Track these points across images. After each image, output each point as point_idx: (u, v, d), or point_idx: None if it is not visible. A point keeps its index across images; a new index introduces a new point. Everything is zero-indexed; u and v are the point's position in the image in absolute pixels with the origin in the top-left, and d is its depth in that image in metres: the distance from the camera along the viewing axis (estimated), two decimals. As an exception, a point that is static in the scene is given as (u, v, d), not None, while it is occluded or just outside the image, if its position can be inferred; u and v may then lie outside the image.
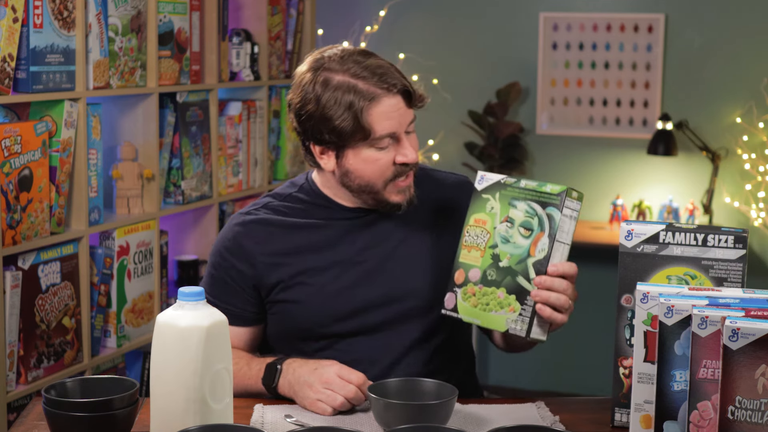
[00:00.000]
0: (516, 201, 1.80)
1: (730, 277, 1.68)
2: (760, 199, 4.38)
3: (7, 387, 2.68)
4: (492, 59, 4.72)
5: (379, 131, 1.86)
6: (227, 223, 2.02)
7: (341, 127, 1.85)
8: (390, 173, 1.90)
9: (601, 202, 4.63)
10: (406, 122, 1.90)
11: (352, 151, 1.88)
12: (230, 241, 1.98)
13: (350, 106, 1.84)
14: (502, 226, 1.80)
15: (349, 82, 1.85)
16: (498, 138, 4.63)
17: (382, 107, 1.85)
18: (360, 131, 1.85)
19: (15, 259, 2.70)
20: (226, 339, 1.57)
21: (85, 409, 1.53)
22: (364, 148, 1.88)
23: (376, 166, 1.89)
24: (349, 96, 1.84)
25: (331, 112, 1.85)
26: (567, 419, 1.77)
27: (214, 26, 3.44)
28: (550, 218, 1.75)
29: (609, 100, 4.63)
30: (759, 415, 1.38)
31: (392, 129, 1.87)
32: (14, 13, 2.62)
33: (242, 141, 3.66)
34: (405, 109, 1.89)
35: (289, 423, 1.72)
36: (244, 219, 1.99)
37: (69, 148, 2.86)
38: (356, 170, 1.90)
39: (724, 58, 4.44)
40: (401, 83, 1.87)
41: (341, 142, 1.87)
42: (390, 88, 1.86)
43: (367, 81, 1.85)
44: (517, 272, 1.77)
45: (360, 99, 1.84)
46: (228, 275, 1.98)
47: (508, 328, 1.76)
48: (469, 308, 1.82)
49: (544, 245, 1.75)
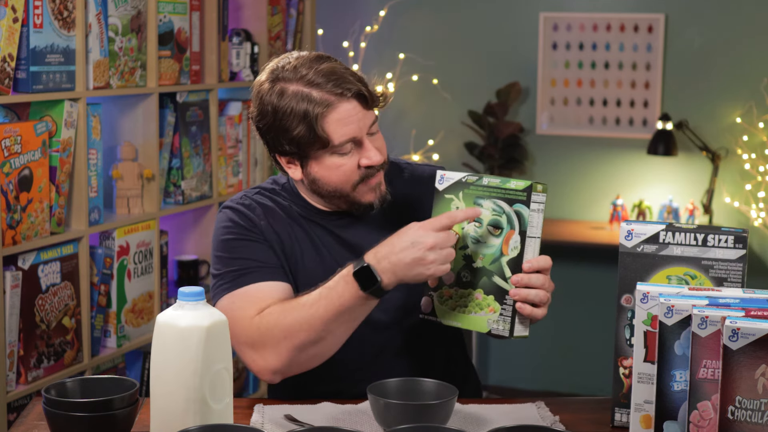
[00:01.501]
0: (481, 200, 1.78)
1: (730, 277, 1.68)
2: (760, 199, 4.38)
3: (7, 387, 2.68)
4: (492, 59, 4.72)
5: (337, 139, 1.84)
6: (221, 213, 1.96)
7: (299, 138, 1.84)
8: (357, 177, 1.88)
9: (601, 202, 4.63)
10: (366, 125, 1.87)
11: (315, 161, 1.87)
12: (235, 213, 1.93)
13: (305, 116, 1.82)
14: (470, 226, 1.79)
15: (302, 91, 1.83)
16: (498, 138, 4.63)
17: (338, 114, 1.83)
18: (318, 141, 1.84)
19: (15, 259, 2.70)
20: (226, 339, 1.57)
21: (85, 409, 1.53)
22: (326, 156, 1.86)
23: (341, 172, 1.87)
24: (303, 105, 1.82)
25: (287, 123, 1.84)
26: (567, 419, 1.77)
27: (214, 26, 3.44)
28: (518, 215, 1.74)
29: (609, 100, 4.63)
30: (759, 415, 1.38)
31: (352, 134, 1.85)
32: (14, 13, 2.62)
33: (242, 141, 3.66)
34: (363, 112, 1.86)
35: (289, 423, 1.72)
36: (239, 203, 1.96)
37: (69, 148, 2.86)
38: (322, 177, 1.88)
39: (724, 58, 4.44)
40: (356, 87, 1.84)
41: (302, 152, 1.86)
42: (344, 93, 1.83)
43: (320, 88, 1.83)
44: (493, 272, 1.77)
45: (314, 107, 1.82)
46: (249, 236, 1.91)
47: (491, 329, 1.77)
48: (447, 311, 1.82)
49: (516, 243, 1.74)
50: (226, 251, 1.90)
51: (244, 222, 1.92)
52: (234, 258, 1.89)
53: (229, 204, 1.96)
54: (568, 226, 4.56)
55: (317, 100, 1.82)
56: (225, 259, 1.90)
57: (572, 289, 4.58)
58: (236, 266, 1.88)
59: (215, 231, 1.95)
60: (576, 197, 4.69)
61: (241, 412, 1.76)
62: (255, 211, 1.94)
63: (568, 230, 4.48)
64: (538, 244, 1.76)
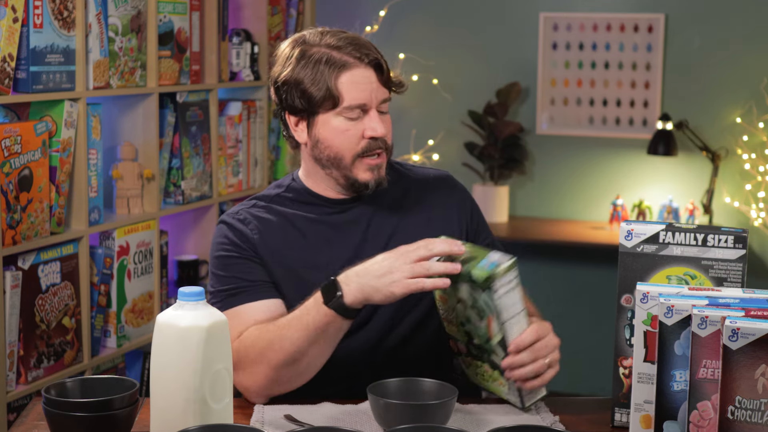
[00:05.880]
0: (458, 283, 1.74)
1: (730, 277, 1.68)
2: (760, 199, 4.38)
3: (7, 387, 2.68)
4: (492, 59, 4.72)
5: (348, 99, 1.88)
6: (217, 228, 1.98)
7: (311, 92, 1.89)
8: (359, 147, 1.91)
9: (601, 202, 4.63)
10: (377, 97, 1.91)
11: (322, 119, 1.91)
12: (230, 230, 1.94)
13: (322, 72, 1.88)
14: (459, 306, 1.79)
15: (323, 51, 1.90)
16: (498, 138, 4.63)
17: (352, 76, 1.88)
18: (329, 98, 1.88)
19: (15, 259, 2.70)
20: (226, 339, 1.57)
21: (85, 409, 1.53)
22: (333, 116, 1.90)
23: (345, 137, 1.90)
24: (322, 63, 1.89)
25: (303, 77, 1.89)
26: (567, 419, 1.77)
27: (214, 26, 3.44)
28: (487, 305, 1.71)
29: (609, 100, 4.63)
30: (759, 415, 1.38)
31: (362, 100, 1.89)
32: (14, 13, 2.62)
33: (242, 141, 3.66)
34: (377, 84, 1.91)
35: (289, 423, 1.72)
36: (235, 218, 1.97)
37: (69, 148, 2.86)
38: (326, 139, 1.91)
39: (724, 58, 4.44)
40: (375, 56, 1.91)
41: (312, 108, 1.90)
42: (362, 58, 1.89)
43: (341, 51, 1.89)
44: (489, 351, 1.78)
45: (332, 65, 1.88)
46: (242, 253, 1.92)
47: (507, 399, 1.81)
48: (472, 375, 1.88)
49: (496, 328, 1.73)
50: (219, 269, 1.93)
51: (238, 238, 1.93)
52: (226, 276, 1.91)
53: (225, 219, 1.98)
54: (568, 226, 4.56)
55: (336, 59, 1.88)
56: (219, 276, 1.93)
57: (572, 289, 4.58)
58: (228, 285, 1.90)
59: (212, 245, 1.98)
60: (576, 197, 4.69)
61: (241, 412, 1.76)
62: (249, 225, 1.95)
63: (568, 230, 4.48)
64: (523, 315, 1.73)
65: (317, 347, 1.78)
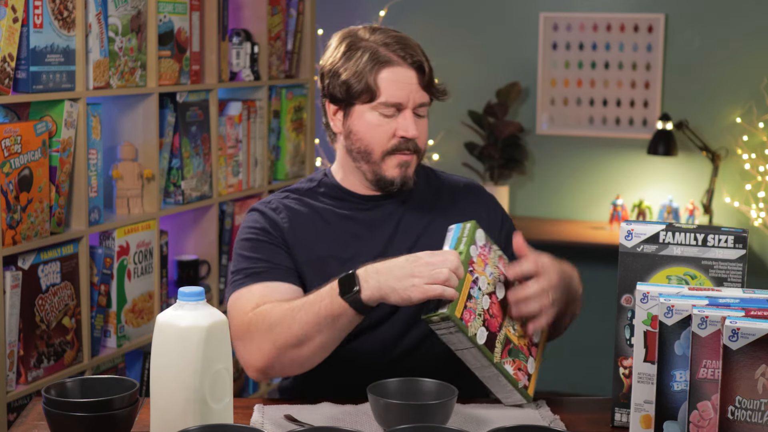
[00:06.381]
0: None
1: (730, 277, 1.68)
2: (760, 199, 4.38)
3: (7, 387, 2.68)
4: (492, 59, 4.72)
5: (385, 96, 1.91)
6: (248, 214, 2.01)
7: (351, 83, 1.93)
8: (389, 145, 1.94)
9: (601, 202, 4.64)
10: (414, 99, 1.93)
11: (357, 111, 1.94)
12: (260, 216, 1.98)
13: (364, 65, 1.92)
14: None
15: (371, 46, 1.94)
16: (498, 138, 4.63)
17: (393, 74, 1.92)
18: (367, 91, 1.92)
19: (15, 259, 2.70)
20: (226, 339, 1.57)
21: (85, 409, 1.53)
22: (368, 109, 1.93)
23: (377, 132, 1.93)
24: (366, 56, 1.92)
25: (346, 68, 1.93)
26: (567, 419, 1.77)
27: (214, 26, 3.44)
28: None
29: (609, 100, 4.63)
30: (759, 415, 1.38)
31: (399, 99, 1.92)
32: (14, 13, 2.62)
33: (242, 141, 3.66)
34: (417, 86, 1.93)
35: (289, 423, 1.72)
36: (267, 206, 2.01)
37: (69, 148, 2.86)
38: (358, 131, 1.95)
39: (724, 58, 4.44)
40: (419, 59, 1.93)
41: (349, 98, 1.94)
42: (406, 58, 1.92)
43: (387, 48, 1.93)
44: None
45: (375, 60, 1.92)
46: (269, 238, 1.95)
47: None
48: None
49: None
50: (245, 250, 1.95)
51: (269, 224, 1.96)
52: (251, 257, 1.93)
53: (256, 206, 2.02)
54: (568, 226, 4.56)
55: (380, 54, 1.92)
56: (244, 257, 1.94)
57: (572, 289, 4.57)
58: (252, 264, 1.92)
59: (239, 231, 2.01)
60: (576, 197, 4.69)
61: (241, 412, 1.77)
62: (280, 213, 1.98)
63: (568, 230, 4.48)
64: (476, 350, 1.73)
65: (324, 336, 1.77)
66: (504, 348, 1.77)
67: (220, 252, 3.58)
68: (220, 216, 3.59)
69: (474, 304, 1.73)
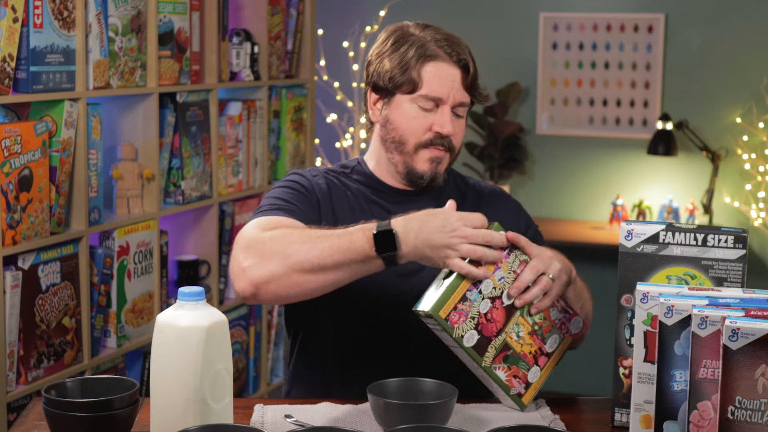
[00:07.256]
0: None
1: (730, 277, 1.68)
2: (760, 199, 4.38)
3: (7, 387, 2.68)
4: (492, 59, 4.72)
5: (425, 89, 1.93)
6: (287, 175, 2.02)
7: (394, 73, 1.94)
8: (424, 138, 1.95)
9: (601, 202, 4.64)
10: (455, 97, 1.94)
11: (397, 100, 1.96)
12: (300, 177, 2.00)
13: (410, 57, 1.94)
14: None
15: (420, 40, 1.96)
16: (498, 138, 4.63)
17: (437, 69, 1.93)
18: (409, 82, 1.93)
19: (15, 259, 2.70)
20: (226, 339, 1.57)
21: (85, 409, 1.53)
22: (408, 100, 1.95)
23: (413, 124, 1.94)
24: (413, 49, 1.94)
25: (392, 57, 1.95)
26: (567, 419, 1.77)
27: (214, 26, 3.44)
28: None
29: (609, 100, 4.63)
30: (759, 415, 1.38)
31: (439, 94, 1.93)
32: (14, 13, 2.62)
33: (242, 141, 3.66)
34: (459, 85, 1.95)
35: (289, 423, 1.72)
36: (308, 172, 2.02)
37: (69, 148, 2.86)
38: (394, 121, 1.96)
39: (724, 58, 4.44)
40: (465, 58, 1.95)
41: (391, 88, 1.95)
42: (452, 55, 1.94)
43: (435, 44, 1.95)
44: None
45: (421, 53, 1.93)
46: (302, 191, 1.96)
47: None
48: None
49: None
50: (276, 194, 1.95)
51: (306, 184, 1.99)
52: (280, 198, 1.94)
53: (297, 170, 2.04)
54: (568, 226, 4.56)
55: (428, 48, 1.94)
56: (272, 198, 1.94)
57: (572, 289, 4.58)
58: (279, 203, 1.92)
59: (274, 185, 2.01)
60: (576, 197, 4.69)
61: (241, 412, 1.76)
62: (319, 180, 2.00)
63: (568, 230, 4.48)
64: (463, 352, 1.74)
65: (338, 274, 1.73)
66: (499, 354, 1.76)
67: (220, 252, 3.58)
68: (220, 216, 3.59)
69: (468, 306, 1.73)
